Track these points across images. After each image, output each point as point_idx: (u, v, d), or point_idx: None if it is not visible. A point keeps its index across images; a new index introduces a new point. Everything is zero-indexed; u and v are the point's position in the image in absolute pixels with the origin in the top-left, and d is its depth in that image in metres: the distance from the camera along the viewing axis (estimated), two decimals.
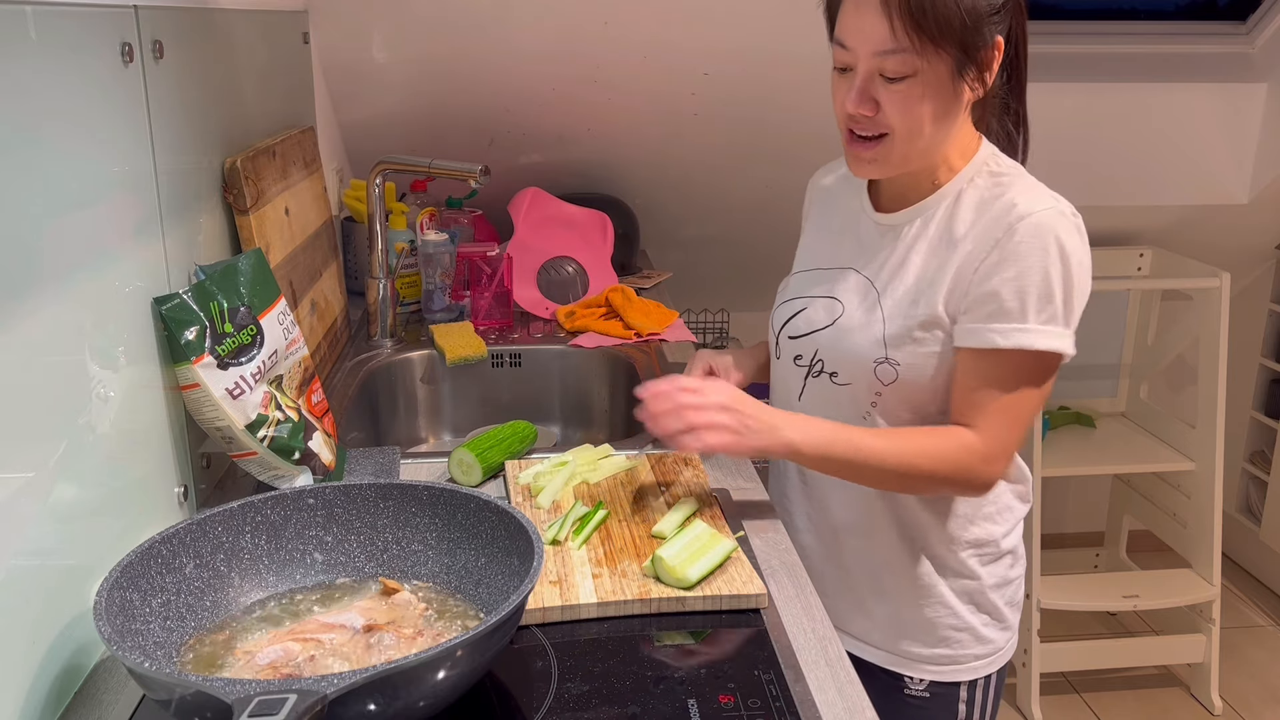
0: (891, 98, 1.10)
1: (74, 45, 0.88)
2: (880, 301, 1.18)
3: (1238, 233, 2.78)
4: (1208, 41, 2.48)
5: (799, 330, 1.26)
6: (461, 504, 0.99)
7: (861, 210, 1.26)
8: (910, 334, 1.15)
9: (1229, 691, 2.66)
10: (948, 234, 1.16)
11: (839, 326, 1.21)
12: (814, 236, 1.34)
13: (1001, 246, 1.10)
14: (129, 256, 0.99)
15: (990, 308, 1.10)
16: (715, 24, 2.01)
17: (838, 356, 1.21)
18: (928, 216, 1.18)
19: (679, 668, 0.94)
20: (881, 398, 1.18)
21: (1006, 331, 1.09)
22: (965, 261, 1.12)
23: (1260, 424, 3.06)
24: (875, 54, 1.08)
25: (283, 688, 0.70)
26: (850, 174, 1.26)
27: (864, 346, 1.18)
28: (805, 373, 1.25)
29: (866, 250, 1.23)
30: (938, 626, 1.25)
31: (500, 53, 2.04)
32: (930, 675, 1.27)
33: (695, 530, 1.10)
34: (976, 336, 1.10)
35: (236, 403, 1.08)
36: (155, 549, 0.89)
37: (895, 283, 1.18)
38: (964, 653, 1.26)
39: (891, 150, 1.13)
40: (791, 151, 2.36)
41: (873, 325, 1.18)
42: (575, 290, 2.06)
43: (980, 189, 1.16)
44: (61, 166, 0.86)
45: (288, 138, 1.51)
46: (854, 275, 1.23)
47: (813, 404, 1.24)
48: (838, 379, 1.21)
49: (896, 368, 1.16)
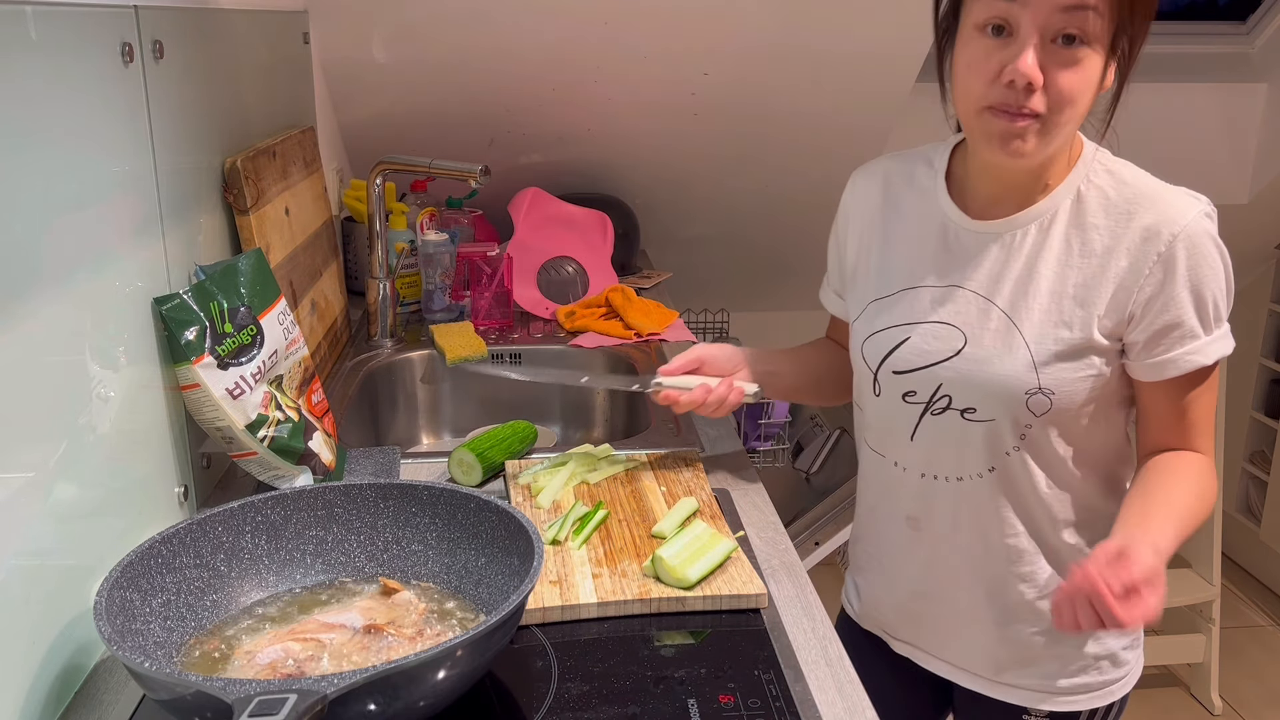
0: (1060, 69, 0.95)
1: (74, 45, 0.88)
2: (1016, 324, 1.06)
3: (1238, 233, 2.75)
4: (1208, 41, 2.48)
5: (910, 364, 1.11)
6: (461, 504, 0.99)
7: (946, 218, 1.12)
8: (1063, 360, 1.04)
9: (1229, 691, 2.66)
10: (1081, 243, 1.05)
11: (969, 357, 1.08)
12: (884, 250, 1.17)
13: (1167, 266, 1.01)
14: (129, 256, 0.99)
15: (1176, 333, 1.03)
16: (715, 24, 2.01)
17: (974, 390, 1.08)
18: (1044, 222, 1.06)
19: (679, 668, 0.94)
20: (1031, 430, 1.07)
21: (1200, 349, 1.04)
22: (1123, 281, 1.03)
23: (1260, 424, 3.06)
24: (1060, 8, 0.93)
25: (283, 688, 0.70)
26: (912, 175, 1.16)
27: (1010, 377, 1.05)
28: (921, 410, 1.12)
29: (968, 264, 1.10)
30: (1081, 655, 1.16)
31: (500, 53, 2.04)
32: (1060, 707, 1.18)
33: (695, 530, 1.10)
34: (1175, 366, 1.04)
35: (236, 403, 1.08)
36: (155, 549, 0.89)
37: (1027, 302, 1.06)
38: (1100, 679, 1.18)
39: (1045, 129, 0.99)
40: (792, 151, 2.36)
41: (1015, 352, 1.06)
42: (575, 290, 2.06)
43: (1103, 189, 1.06)
44: (61, 166, 0.86)
45: (288, 138, 1.51)
46: (962, 293, 1.09)
47: (932, 443, 1.12)
48: (974, 415, 1.08)
49: (1050, 397, 1.05)
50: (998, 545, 1.13)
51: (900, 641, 1.26)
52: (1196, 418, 1.08)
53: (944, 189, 1.13)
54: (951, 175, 1.14)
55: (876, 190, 1.19)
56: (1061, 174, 1.07)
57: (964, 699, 1.25)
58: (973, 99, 1.01)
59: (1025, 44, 0.95)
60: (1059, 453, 1.09)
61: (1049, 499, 1.11)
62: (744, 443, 1.79)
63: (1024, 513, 1.12)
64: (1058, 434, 1.08)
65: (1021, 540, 1.12)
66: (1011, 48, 0.96)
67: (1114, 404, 1.10)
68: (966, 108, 1.02)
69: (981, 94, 0.99)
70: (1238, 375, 2.97)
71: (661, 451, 1.37)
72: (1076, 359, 1.05)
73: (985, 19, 0.98)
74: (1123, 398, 1.11)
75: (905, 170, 1.18)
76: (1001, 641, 1.17)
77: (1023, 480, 1.10)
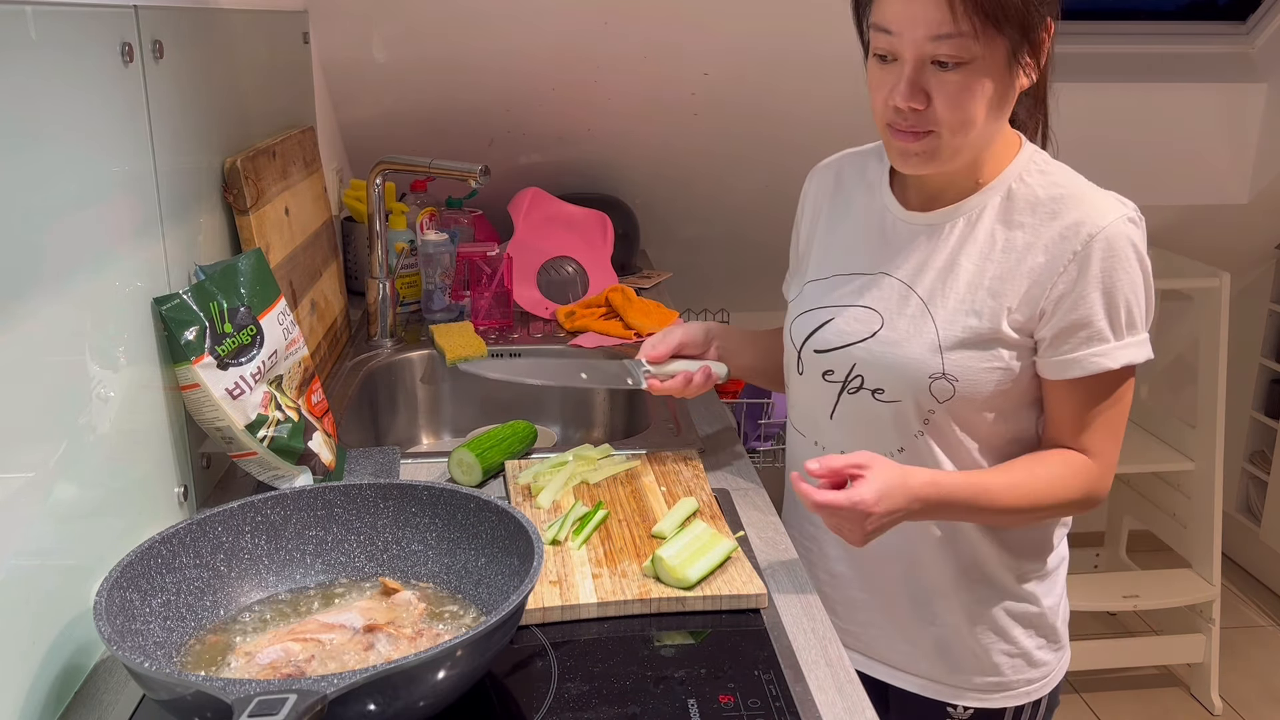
0: (945, 88, 1.00)
1: (74, 45, 0.88)
2: (930, 311, 1.10)
3: (1238, 233, 2.78)
4: (1208, 41, 2.48)
5: (829, 343, 1.16)
6: (461, 504, 0.99)
7: (885, 209, 1.17)
8: (969, 348, 1.08)
9: (1229, 691, 2.66)
10: (1005, 238, 1.08)
11: (882, 339, 1.12)
12: (826, 238, 1.23)
13: (1081, 264, 1.04)
14: (129, 256, 0.99)
15: (1084, 334, 1.05)
16: (715, 24, 2.01)
17: (883, 372, 1.12)
18: (972, 216, 1.10)
19: (679, 668, 0.94)
20: (935, 415, 1.10)
21: (1106, 353, 1.05)
22: (1039, 277, 1.06)
23: (1260, 424, 3.06)
24: (930, 38, 0.99)
25: (283, 688, 0.70)
26: (864, 168, 1.20)
27: (916, 361, 1.09)
28: (839, 389, 1.16)
29: (898, 253, 1.14)
30: (990, 653, 1.19)
31: (500, 53, 2.04)
32: (978, 703, 1.21)
33: (695, 530, 1.10)
34: (1079, 366, 1.06)
35: (236, 403, 1.08)
36: (155, 549, 0.89)
37: (944, 290, 1.10)
38: (1016, 678, 1.21)
39: (940, 144, 1.04)
40: (791, 151, 2.36)
41: (923, 337, 1.09)
42: (575, 290, 2.06)
43: (1033, 188, 1.09)
44: (61, 167, 0.86)
45: (288, 138, 1.51)
46: (888, 280, 1.14)
47: (849, 423, 1.16)
48: (882, 396, 1.12)
49: (954, 384, 1.08)
50: (912, 526, 1.14)
51: None
52: (1097, 423, 1.09)
53: (887, 182, 1.18)
54: (895, 171, 1.18)
55: (830, 182, 1.26)
56: (994, 171, 1.11)
57: (897, 697, 1.27)
58: (876, 115, 1.08)
59: (903, 70, 1.02)
60: (964, 443, 1.12)
61: None
62: (744, 443, 1.79)
63: None
64: (962, 425, 1.11)
65: (929, 531, 1.16)
66: (895, 73, 1.03)
67: (1023, 403, 1.12)
68: (876, 120, 1.09)
69: (880, 111, 1.07)
70: (1238, 375, 2.97)
71: (661, 451, 1.37)
72: (982, 349, 1.08)
73: (874, 47, 1.05)
74: (1034, 398, 1.13)
75: (859, 164, 1.24)
76: (918, 630, 1.20)
77: (930, 464, 1.13)
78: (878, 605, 1.22)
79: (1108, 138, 2.38)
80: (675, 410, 1.52)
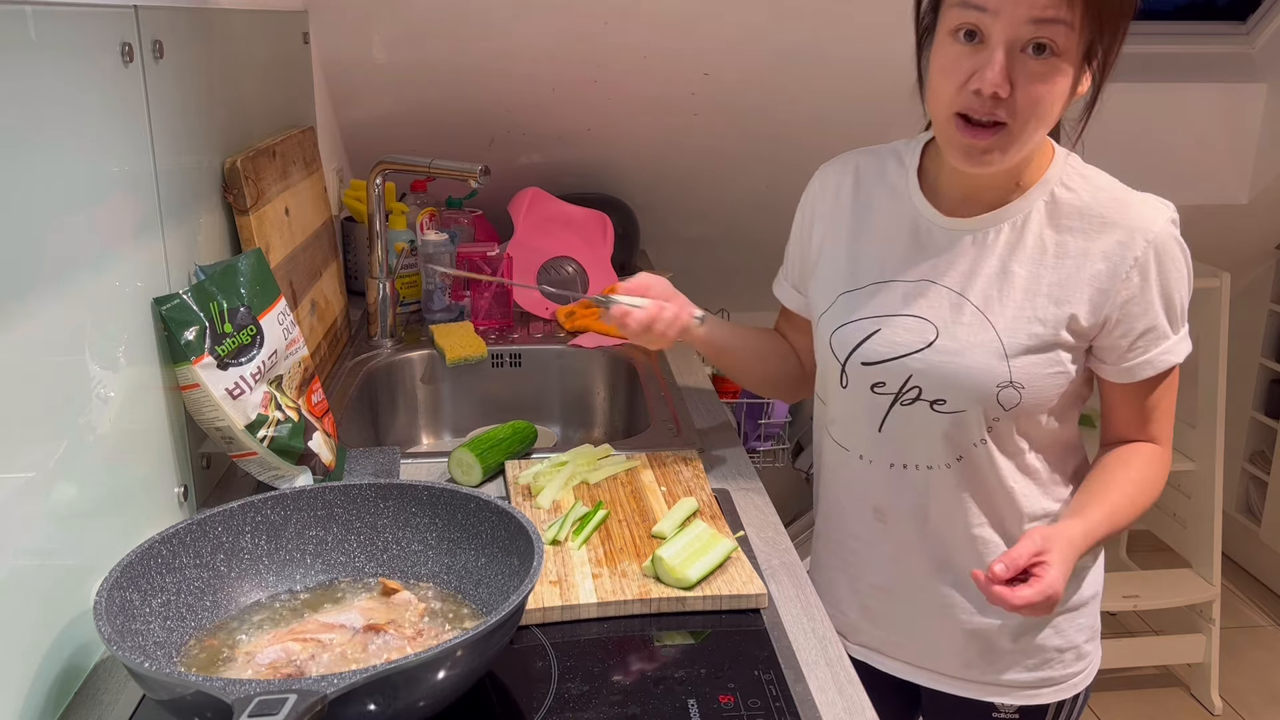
0: (1030, 79, 0.96)
1: (74, 45, 0.88)
2: (989, 319, 1.08)
3: (1238, 233, 2.78)
4: (1208, 41, 2.48)
5: (880, 355, 1.12)
6: (461, 504, 0.99)
7: (918, 214, 1.13)
8: (1033, 354, 1.07)
9: (1229, 691, 2.66)
10: (1056, 244, 1.07)
11: (940, 349, 1.09)
12: (852, 245, 1.17)
13: (1142, 272, 1.05)
14: (129, 256, 0.99)
15: (1151, 335, 1.08)
16: (715, 24, 2.01)
17: (944, 382, 1.09)
18: (1017, 221, 1.08)
19: (679, 668, 0.94)
20: (999, 424, 1.09)
21: (1170, 349, 1.09)
22: (1102, 284, 1.05)
23: (1260, 424, 3.06)
24: (1031, 20, 0.93)
25: (283, 688, 0.70)
26: (882, 170, 1.17)
27: (981, 370, 1.07)
28: (891, 401, 1.13)
29: (940, 259, 1.11)
30: (1044, 649, 1.18)
31: (500, 53, 2.04)
32: (1026, 700, 1.20)
33: (695, 530, 1.10)
34: (1150, 366, 1.09)
35: (236, 403, 1.08)
36: (155, 549, 0.89)
37: (1000, 298, 1.08)
38: (1064, 672, 1.20)
39: (1010, 139, 0.99)
40: (792, 151, 2.36)
41: (987, 346, 1.07)
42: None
43: (1078, 193, 1.08)
44: (61, 167, 0.86)
45: (288, 138, 1.51)
46: (935, 288, 1.10)
47: (899, 435, 1.14)
48: (944, 406, 1.10)
49: (1021, 390, 1.07)
50: (963, 536, 1.15)
51: (857, 645, 1.26)
52: (1160, 413, 1.14)
53: (916, 185, 1.15)
54: (923, 172, 1.16)
55: (847, 184, 1.20)
56: (1034, 175, 1.09)
57: (930, 700, 1.26)
58: (943, 102, 1.02)
59: (994, 53, 0.96)
60: (1020, 445, 1.12)
61: (1011, 490, 1.14)
62: (744, 443, 1.79)
63: (987, 503, 1.14)
64: (1021, 430, 1.11)
65: (986, 530, 1.15)
66: (982, 54, 0.97)
67: (1072, 403, 1.14)
68: (937, 110, 1.04)
69: (951, 98, 1.00)
70: (1238, 375, 2.97)
71: (661, 451, 1.37)
72: (1046, 354, 1.08)
73: (958, 25, 0.98)
74: (1078, 396, 1.14)
75: (875, 165, 1.20)
76: (966, 636, 1.19)
77: (987, 471, 1.13)
78: (924, 613, 1.20)
79: (1107, 137, 2.37)
80: (675, 410, 1.52)
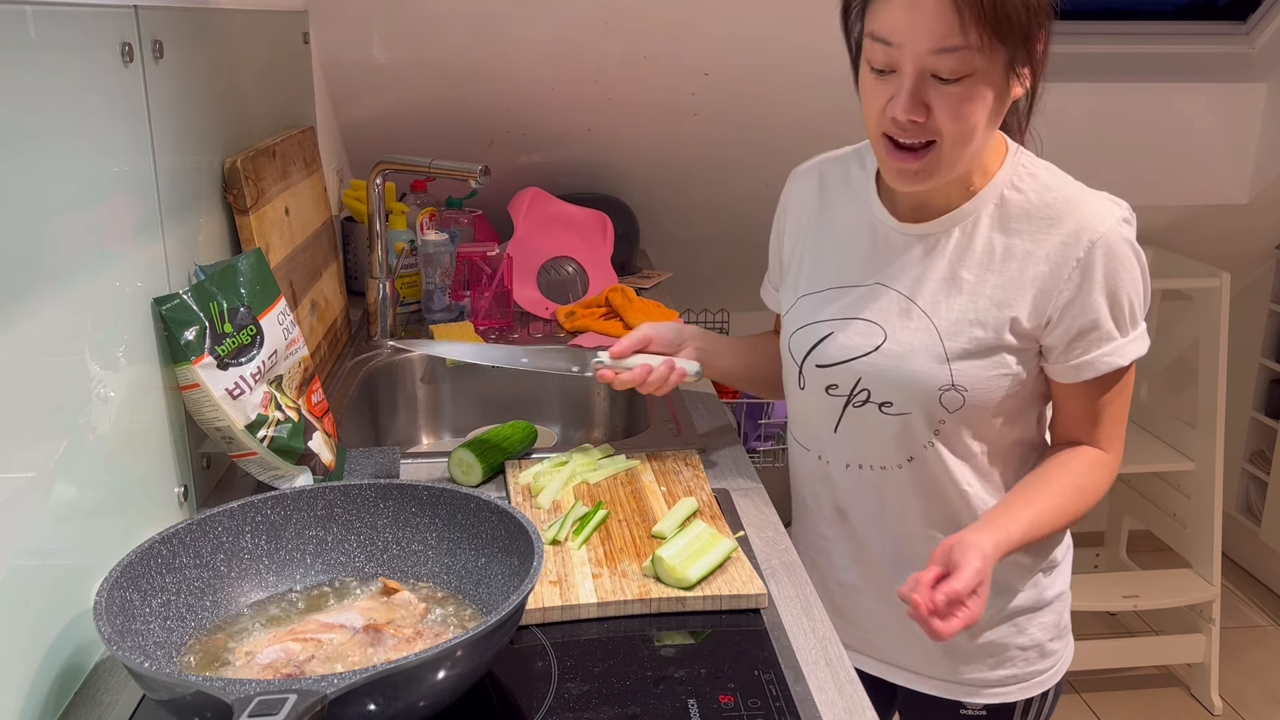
0: (946, 101, 0.98)
1: (74, 45, 0.88)
2: (933, 323, 1.10)
3: (1238, 233, 2.78)
4: (1208, 41, 2.48)
5: (832, 358, 1.15)
6: (461, 504, 0.99)
7: (876, 219, 1.15)
8: (975, 357, 1.08)
9: (1229, 691, 2.66)
10: (1004, 246, 1.08)
11: (887, 352, 1.11)
12: (816, 249, 1.21)
13: (1085, 271, 1.05)
14: (129, 256, 0.99)
15: (1093, 336, 1.07)
16: (715, 24, 2.01)
17: (891, 385, 1.11)
18: (967, 226, 1.10)
19: (679, 668, 0.94)
20: (945, 426, 1.11)
21: (1116, 350, 1.08)
22: (1043, 285, 1.06)
23: (1260, 424, 3.06)
24: (933, 51, 0.96)
25: (283, 688, 0.70)
26: (846, 175, 1.19)
27: (923, 373, 1.09)
28: (843, 403, 1.15)
29: (892, 264, 1.13)
30: (1006, 648, 1.20)
31: (500, 53, 2.04)
32: (992, 699, 1.21)
33: (695, 530, 1.10)
34: (1092, 368, 1.08)
35: (236, 403, 1.08)
36: (155, 549, 0.89)
37: (946, 301, 1.09)
38: (1028, 670, 1.21)
39: (940, 159, 1.02)
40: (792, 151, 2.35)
41: (930, 349, 1.09)
42: (575, 290, 2.06)
43: (1026, 194, 1.09)
44: (61, 167, 0.86)
45: (288, 138, 1.51)
46: (886, 292, 1.13)
47: (855, 435, 1.16)
48: (891, 409, 1.12)
49: (964, 394, 1.08)
50: (919, 535, 1.17)
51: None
52: (1108, 416, 1.12)
53: (874, 191, 1.16)
54: (881, 177, 1.16)
55: (813, 189, 1.23)
56: (985, 177, 1.10)
57: (905, 698, 1.27)
58: (871, 125, 1.05)
59: (904, 83, 0.99)
60: (973, 449, 1.13)
61: (965, 492, 1.14)
62: (744, 443, 1.79)
63: (942, 504, 1.15)
64: (972, 432, 1.12)
65: (940, 531, 1.15)
66: (894, 83, 1.01)
67: (1029, 405, 1.14)
68: (869, 132, 1.07)
69: (876, 121, 1.04)
70: (1238, 375, 2.97)
71: (661, 451, 1.37)
72: (988, 357, 1.08)
73: (874, 62, 1.01)
74: (1037, 396, 1.14)
75: (840, 169, 1.22)
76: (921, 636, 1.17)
77: (939, 472, 1.14)
78: (890, 611, 1.21)
79: (1107, 138, 2.38)
80: (675, 410, 1.52)
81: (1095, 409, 1.11)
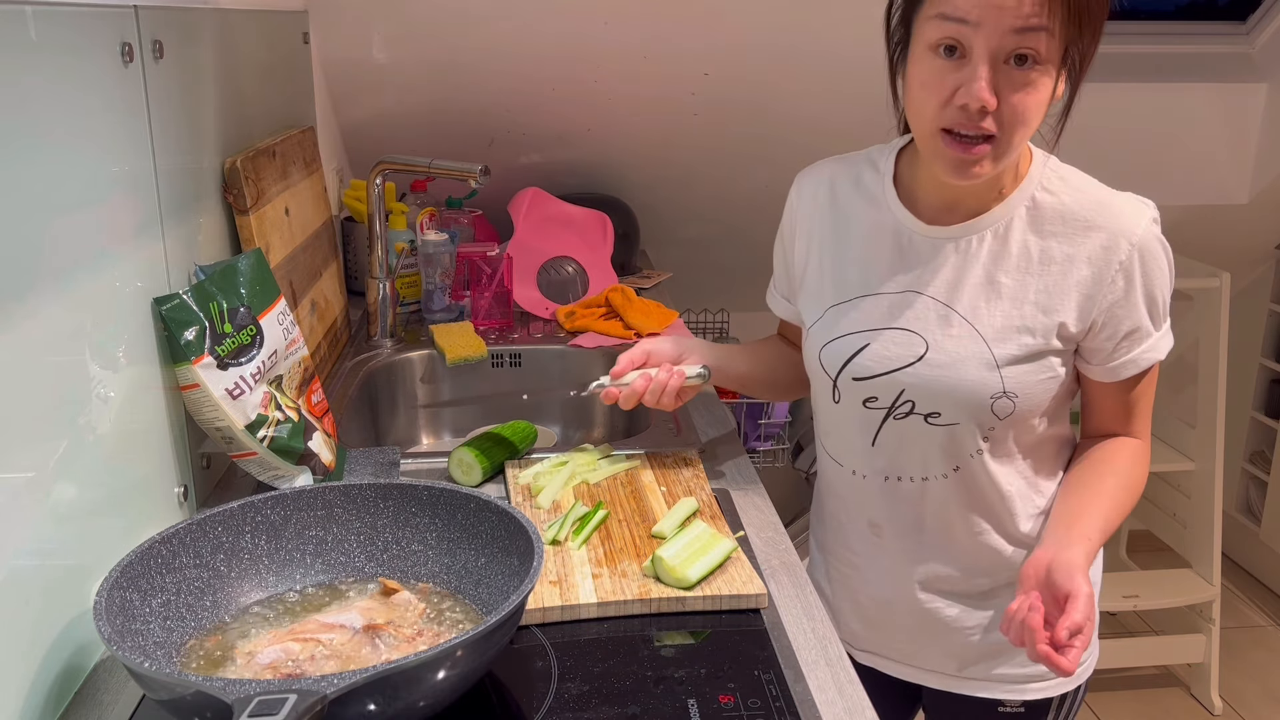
0: (1016, 88, 0.94)
1: (74, 45, 0.88)
2: (978, 330, 1.07)
3: (1238, 233, 2.78)
4: (1208, 41, 2.48)
5: (870, 370, 1.11)
6: (461, 504, 0.99)
7: (899, 223, 1.12)
8: (1024, 362, 1.06)
9: (1229, 691, 2.66)
10: (1040, 250, 1.06)
11: (931, 362, 1.08)
12: (835, 257, 1.16)
13: (1127, 275, 1.05)
14: (129, 256, 0.99)
15: (1135, 335, 1.07)
16: (715, 24, 2.01)
17: (939, 395, 1.08)
18: (999, 228, 1.07)
19: (679, 668, 0.94)
20: (994, 432, 1.09)
21: (1153, 347, 1.09)
22: (1088, 290, 1.05)
23: (1260, 424, 3.06)
24: (1014, 30, 0.92)
25: (283, 688, 0.70)
26: (858, 179, 1.16)
27: (974, 382, 1.06)
28: (884, 415, 1.12)
29: (922, 269, 1.10)
30: None
31: (500, 53, 2.04)
32: (1032, 695, 1.20)
33: (695, 530, 1.10)
34: (1134, 365, 1.08)
35: (236, 403, 1.08)
36: (155, 549, 0.89)
37: (987, 307, 1.07)
38: None
39: (1001, 152, 0.98)
40: (792, 151, 2.36)
41: (979, 357, 1.06)
42: (575, 290, 2.06)
43: (1059, 196, 1.07)
44: (61, 167, 0.86)
45: (288, 138, 1.51)
46: (919, 299, 1.09)
47: (893, 449, 1.13)
48: (938, 419, 1.09)
49: (1014, 400, 1.07)
50: (962, 543, 1.15)
51: (864, 652, 1.26)
52: (1141, 407, 1.14)
53: (894, 194, 1.13)
54: (899, 180, 1.14)
55: (823, 194, 1.18)
56: (1014, 181, 1.08)
57: (934, 698, 1.26)
58: (927, 119, 0.99)
59: (978, 67, 0.94)
60: (1015, 451, 1.12)
61: (1008, 493, 1.13)
62: (744, 443, 1.79)
63: (986, 509, 1.14)
64: (1016, 435, 1.11)
65: (987, 536, 1.15)
66: (965, 70, 0.95)
67: (1063, 403, 1.14)
68: (921, 127, 1.02)
69: (935, 115, 0.98)
70: (1238, 375, 2.97)
71: (661, 451, 1.37)
72: (1036, 361, 1.07)
73: (938, 39, 0.96)
74: (1069, 393, 1.14)
75: (850, 174, 1.18)
76: (967, 642, 1.19)
77: (983, 478, 1.12)
78: (929, 624, 1.20)
79: (1107, 138, 2.37)
80: (675, 410, 1.52)
81: (1129, 401, 1.12)
